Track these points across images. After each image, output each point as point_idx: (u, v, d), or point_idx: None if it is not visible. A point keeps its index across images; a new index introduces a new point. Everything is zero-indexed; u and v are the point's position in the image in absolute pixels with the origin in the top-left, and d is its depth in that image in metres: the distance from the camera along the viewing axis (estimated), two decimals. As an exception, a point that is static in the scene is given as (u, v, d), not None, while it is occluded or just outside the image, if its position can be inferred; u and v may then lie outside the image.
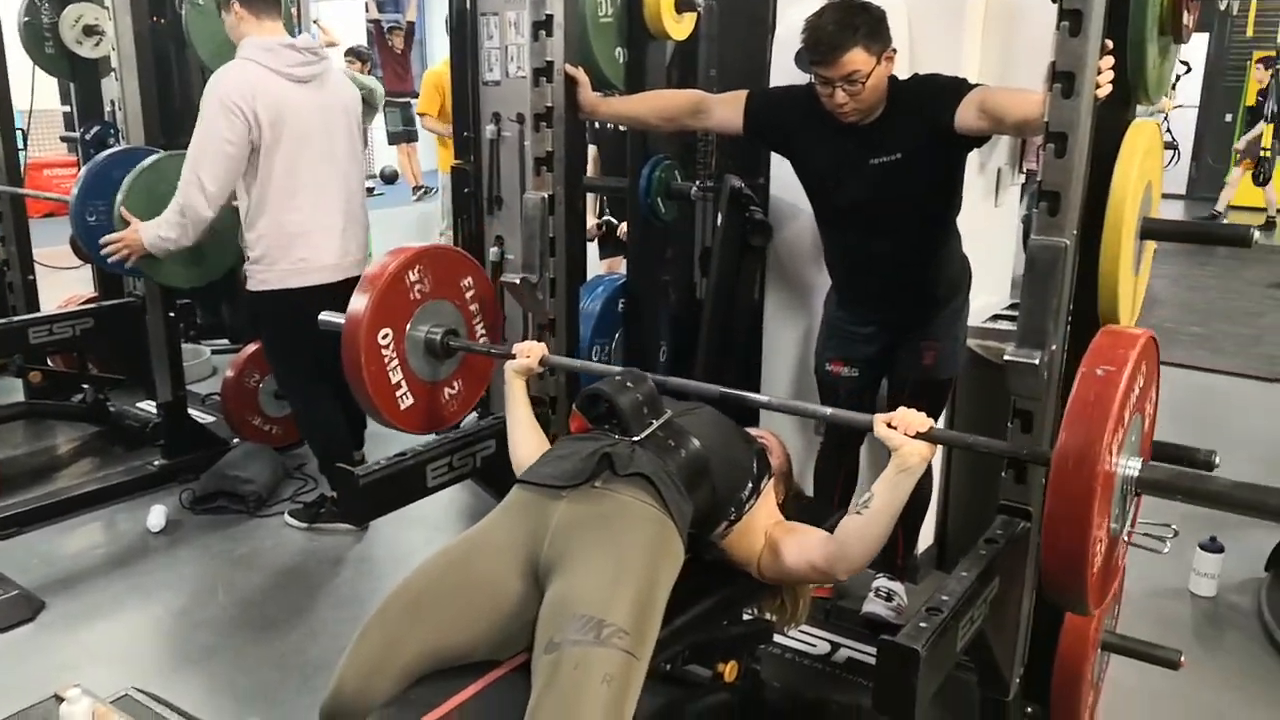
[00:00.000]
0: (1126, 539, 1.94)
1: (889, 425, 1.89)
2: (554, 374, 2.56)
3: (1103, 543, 1.71)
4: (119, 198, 3.42)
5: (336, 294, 3.24)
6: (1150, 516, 1.90)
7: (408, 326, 2.56)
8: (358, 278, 3.20)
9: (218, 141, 3.15)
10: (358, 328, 2.45)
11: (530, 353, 2.38)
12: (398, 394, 2.55)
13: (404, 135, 11.29)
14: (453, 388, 2.71)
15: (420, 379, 2.61)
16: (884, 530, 1.87)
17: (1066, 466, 1.60)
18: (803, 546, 1.99)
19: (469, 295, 2.71)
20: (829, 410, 2.20)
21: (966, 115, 2.25)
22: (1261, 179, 10.29)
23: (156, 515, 3.61)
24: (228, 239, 3.64)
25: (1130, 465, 1.73)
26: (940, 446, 2.01)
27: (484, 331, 2.75)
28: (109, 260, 3.42)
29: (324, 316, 2.67)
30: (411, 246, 2.63)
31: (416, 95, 9.32)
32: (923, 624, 1.62)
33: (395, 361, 2.53)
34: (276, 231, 3.28)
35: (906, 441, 1.87)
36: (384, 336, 2.50)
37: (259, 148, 3.19)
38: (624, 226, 4.66)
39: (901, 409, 1.93)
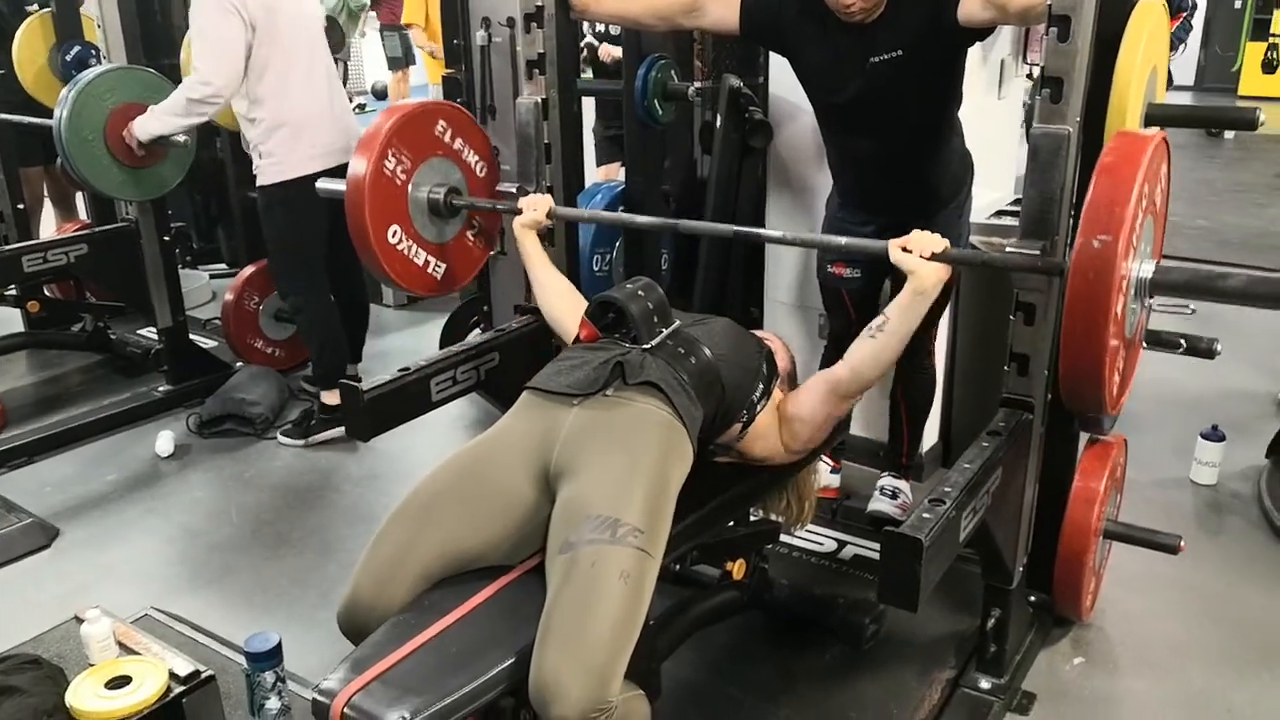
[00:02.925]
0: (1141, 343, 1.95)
1: (904, 250, 1.94)
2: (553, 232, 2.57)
3: (1119, 348, 1.71)
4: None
5: (339, 177, 3.44)
6: (1159, 391, 1.89)
7: (412, 179, 2.61)
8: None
9: (218, 42, 3.25)
10: (361, 187, 2.49)
11: (537, 205, 2.37)
12: (407, 254, 2.62)
13: (404, 61, 11.10)
14: (462, 245, 2.79)
15: (427, 240, 2.67)
16: (896, 353, 1.97)
17: (1084, 274, 1.61)
18: (813, 390, 2.05)
19: (468, 153, 2.73)
20: (844, 240, 2.28)
21: (970, 6, 2.19)
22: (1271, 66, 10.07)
23: (165, 440, 3.64)
24: (176, 156, 3.73)
25: (1144, 268, 1.72)
26: (944, 334, 2.02)
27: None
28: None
29: (322, 184, 2.73)
30: (404, 105, 2.63)
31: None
32: (926, 515, 1.65)
33: (399, 220, 2.60)
34: (283, 122, 3.39)
35: (922, 264, 1.92)
36: (390, 175, 2.56)
37: (255, 44, 3.30)
38: (605, 47, 4.60)
39: (915, 232, 1.97)
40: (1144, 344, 2.00)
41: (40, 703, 1.97)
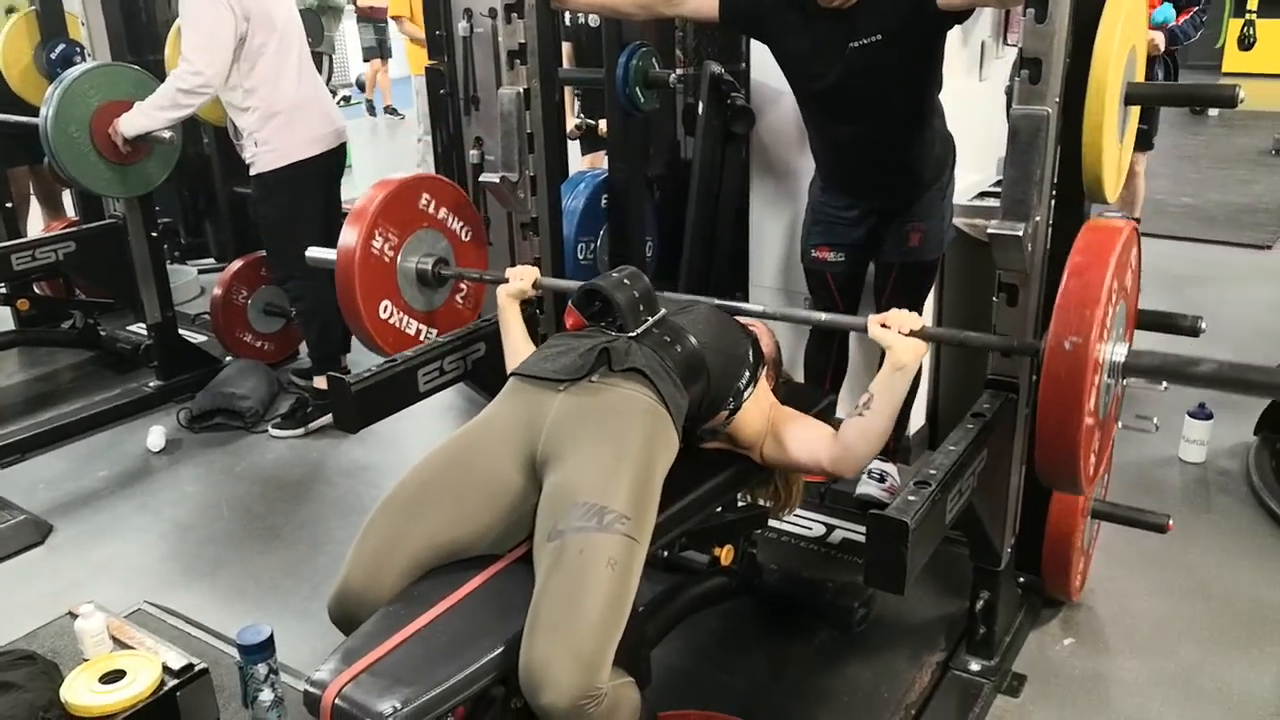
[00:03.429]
0: (1118, 424, 2.00)
1: (882, 325, 1.94)
2: (540, 302, 2.62)
3: (1094, 427, 1.75)
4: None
5: (330, 161, 3.63)
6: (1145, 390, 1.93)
7: (401, 252, 2.66)
8: (342, 146, 3.63)
9: (210, 33, 3.26)
10: (351, 267, 2.55)
11: (524, 276, 2.38)
12: (399, 326, 2.69)
13: (378, 51, 11.03)
14: (452, 308, 2.84)
15: (417, 309, 2.73)
16: (885, 428, 1.93)
17: (1055, 375, 1.66)
18: (810, 444, 2.03)
19: (452, 221, 2.77)
20: (823, 315, 2.27)
21: None
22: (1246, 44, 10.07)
23: (156, 435, 3.64)
24: (162, 152, 3.71)
25: (1117, 351, 1.75)
26: (930, 319, 2.03)
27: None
28: None
29: (311, 253, 2.76)
30: (394, 179, 2.68)
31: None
32: (911, 497, 1.65)
33: (390, 295, 2.67)
34: (278, 109, 3.42)
35: (900, 340, 1.92)
36: (379, 253, 2.60)
37: (249, 33, 3.32)
38: (604, 124, 4.60)
39: (894, 310, 1.98)
40: (1119, 423, 2.05)
41: (35, 698, 1.99)
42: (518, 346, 2.31)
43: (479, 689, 1.55)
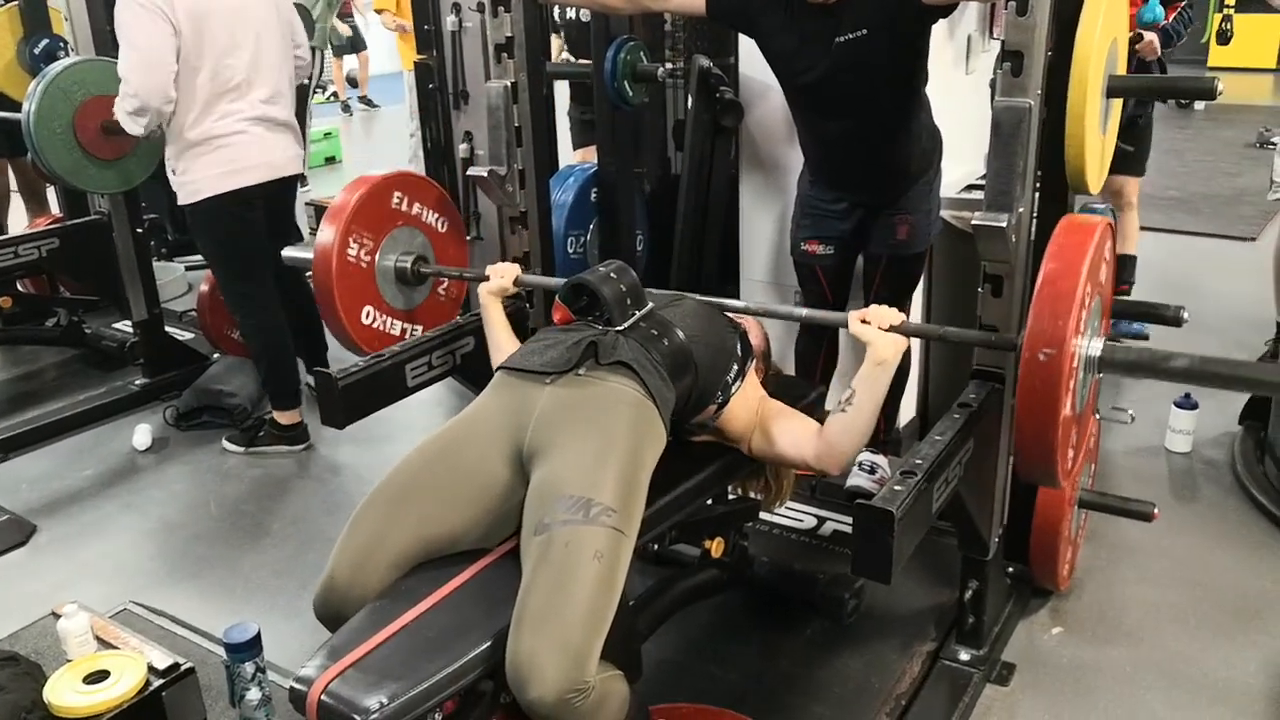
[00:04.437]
0: (1096, 414, 2.01)
1: (863, 321, 1.96)
2: (521, 298, 2.59)
3: (1071, 421, 1.76)
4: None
5: (269, 193, 3.30)
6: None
7: (378, 254, 2.64)
8: (291, 177, 3.35)
9: (149, 51, 3.00)
10: (329, 276, 2.52)
11: (504, 274, 2.37)
12: (384, 329, 2.66)
13: (349, 47, 10.98)
14: (434, 303, 2.80)
15: (399, 309, 2.71)
16: (868, 424, 1.93)
17: (1031, 385, 1.68)
18: (796, 439, 2.04)
19: (427, 214, 2.74)
20: (804, 311, 2.30)
21: None
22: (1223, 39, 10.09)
23: (142, 434, 3.62)
24: (146, 148, 3.64)
25: (1093, 345, 1.76)
26: (919, 309, 2.04)
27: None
28: None
29: (288, 252, 2.70)
30: (375, 175, 2.66)
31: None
32: (898, 487, 1.66)
33: (371, 301, 2.64)
34: (204, 137, 3.14)
35: (880, 336, 1.93)
36: (355, 260, 2.57)
37: (182, 51, 3.04)
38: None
39: (874, 306, 1.99)
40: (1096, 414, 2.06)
41: (18, 699, 1.98)
42: (501, 343, 2.30)
43: (466, 684, 1.55)
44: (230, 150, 3.17)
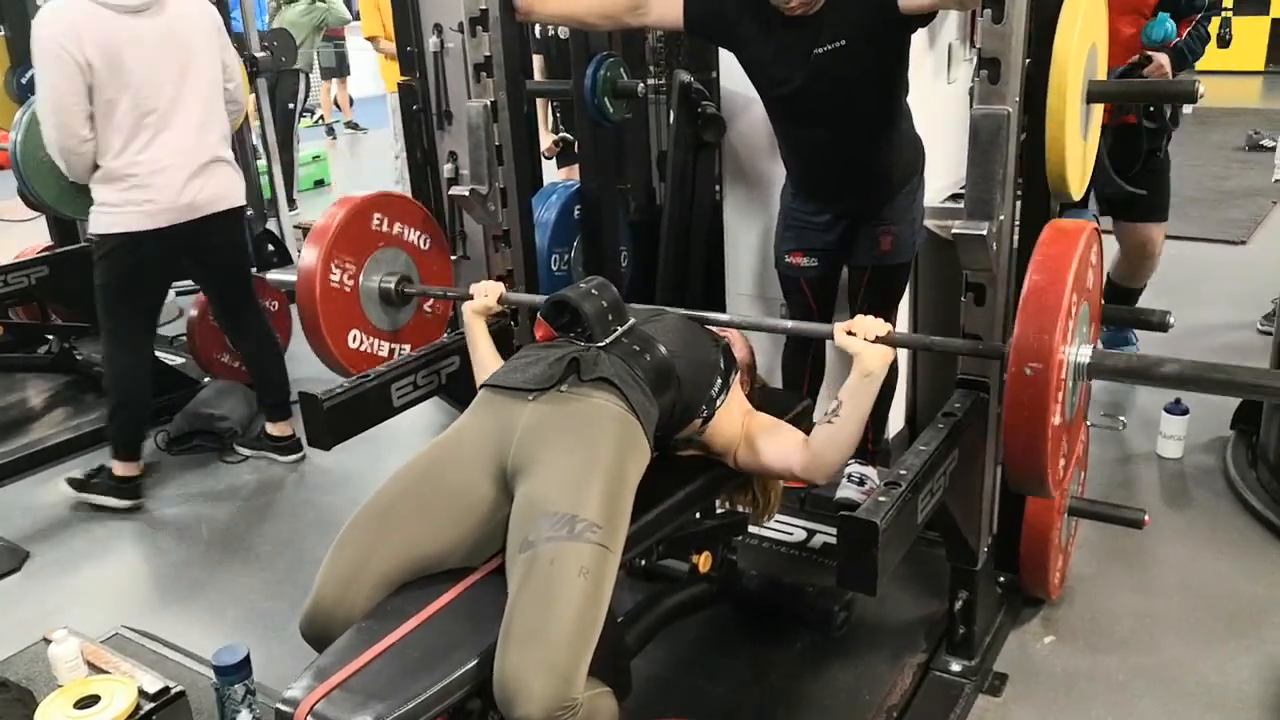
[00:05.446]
0: (1086, 421, 2.01)
1: (848, 333, 1.96)
2: (506, 316, 2.60)
3: (1060, 430, 1.77)
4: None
5: (192, 233, 3.18)
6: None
7: (361, 277, 2.65)
8: (216, 216, 3.20)
9: (54, 91, 2.95)
10: (313, 303, 2.53)
11: (488, 292, 2.38)
12: (371, 351, 2.69)
13: (337, 70, 11.02)
14: (420, 321, 2.83)
15: (385, 330, 2.73)
16: (855, 434, 1.94)
17: (1018, 400, 1.68)
18: (782, 450, 2.04)
19: (409, 233, 2.76)
20: (790, 324, 2.32)
21: None
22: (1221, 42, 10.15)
23: (134, 459, 3.61)
24: None
25: (1081, 353, 1.77)
26: (905, 320, 2.04)
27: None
28: None
29: (273, 275, 2.70)
30: (354, 197, 2.67)
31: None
32: (882, 498, 1.65)
33: (357, 324, 2.66)
34: (121, 173, 3.05)
35: (866, 347, 1.94)
36: (338, 285, 2.59)
37: (96, 90, 2.96)
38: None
39: (859, 317, 1.99)
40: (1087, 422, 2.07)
41: (8, 726, 1.97)
42: (485, 361, 2.30)
43: (453, 702, 1.55)
44: (147, 191, 3.08)
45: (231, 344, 3.75)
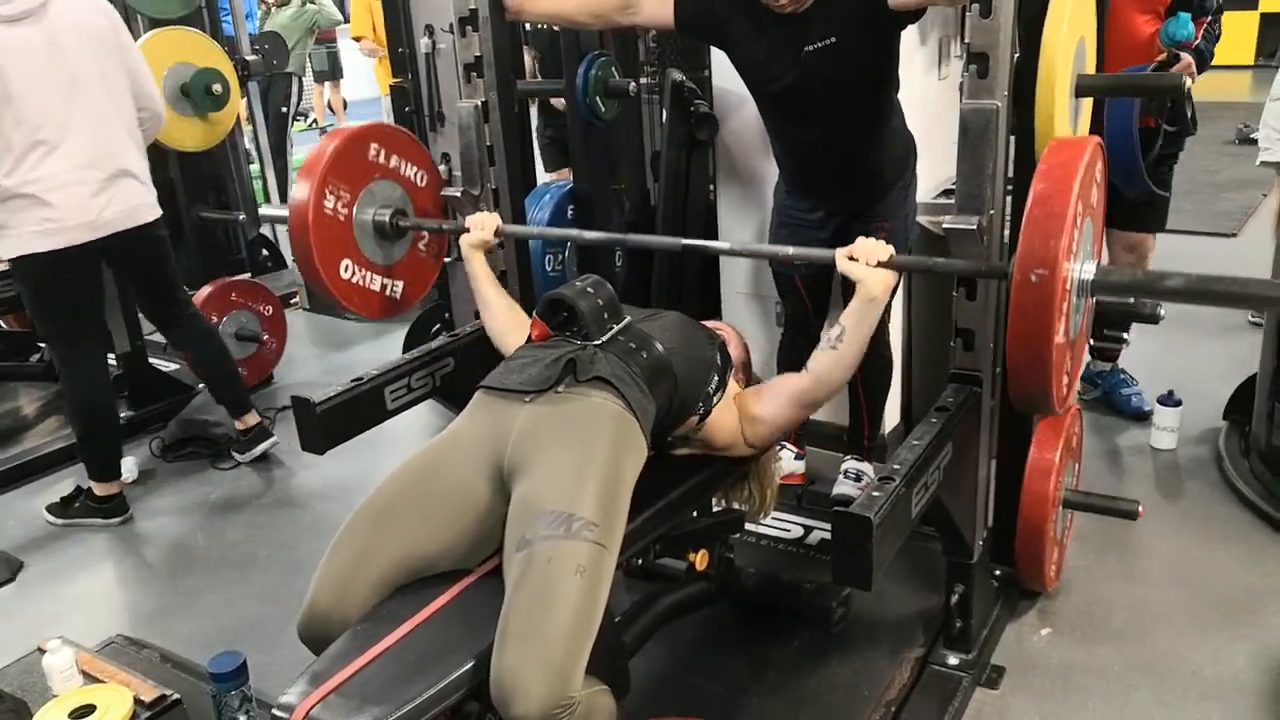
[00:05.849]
0: (1089, 340, 1.98)
1: (850, 258, 1.98)
2: (503, 247, 2.58)
3: (1065, 347, 1.75)
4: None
5: (94, 253, 3.05)
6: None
7: (355, 207, 2.59)
8: (141, 228, 3.12)
9: None
10: (305, 228, 2.46)
11: (484, 224, 2.38)
12: (363, 284, 2.63)
13: (330, 74, 11.00)
14: (415, 259, 2.78)
15: (379, 264, 2.66)
16: (856, 358, 2.00)
17: (1023, 307, 1.65)
18: (783, 393, 2.08)
19: (405, 168, 2.71)
20: (791, 249, 2.30)
21: None
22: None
23: (129, 466, 3.59)
24: None
25: (1085, 269, 1.75)
26: (899, 315, 2.04)
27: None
28: None
29: (265, 210, 2.65)
30: (344, 128, 2.62)
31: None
32: (876, 493, 1.66)
33: (349, 254, 2.58)
34: (21, 188, 2.88)
35: (870, 272, 1.95)
36: (332, 212, 2.53)
37: None
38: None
39: (860, 240, 2.00)
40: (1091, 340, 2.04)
41: (3, 736, 1.96)
42: (488, 297, 2.32)
43: (450, 705, 1.54)
44: (48, 210, 2.92)
45: (173, 348, 3.72)
